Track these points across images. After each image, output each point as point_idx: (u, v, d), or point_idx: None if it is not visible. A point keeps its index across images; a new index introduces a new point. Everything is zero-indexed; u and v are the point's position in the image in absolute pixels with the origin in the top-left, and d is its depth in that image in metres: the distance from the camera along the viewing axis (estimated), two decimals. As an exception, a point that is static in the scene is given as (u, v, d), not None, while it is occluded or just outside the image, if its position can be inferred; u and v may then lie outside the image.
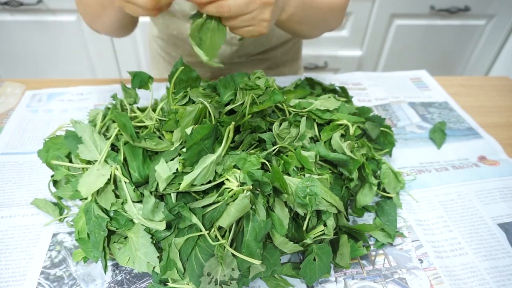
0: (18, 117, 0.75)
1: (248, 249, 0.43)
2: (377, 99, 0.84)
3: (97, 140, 0.52)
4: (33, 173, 0.62)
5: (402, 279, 0.49)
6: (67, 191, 0.53)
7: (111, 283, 0.48)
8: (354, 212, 0.57)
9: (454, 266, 0.51)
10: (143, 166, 0.50)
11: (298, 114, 0.58)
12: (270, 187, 0.45)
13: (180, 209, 0.45)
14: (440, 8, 1.49)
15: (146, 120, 0.57)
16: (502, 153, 0.70)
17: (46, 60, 1.55)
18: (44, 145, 0.56)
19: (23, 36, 1.47)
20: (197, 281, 0.43)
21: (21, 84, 0.83)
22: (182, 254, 0.45)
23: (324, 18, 0.73)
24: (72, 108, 0.77)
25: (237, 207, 0.43)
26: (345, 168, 0.53)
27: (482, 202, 0.60)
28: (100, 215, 0.47)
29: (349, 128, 0.58)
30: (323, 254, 0.47)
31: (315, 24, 0.73)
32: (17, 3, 1.37)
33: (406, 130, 0.75)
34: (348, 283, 0.49)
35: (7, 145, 0.68)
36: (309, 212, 0.47)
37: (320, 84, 0.71)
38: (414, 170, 0.66)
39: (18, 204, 0.57)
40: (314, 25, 0.73)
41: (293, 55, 0.98)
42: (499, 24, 1.55)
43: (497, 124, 0.78)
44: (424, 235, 0.55)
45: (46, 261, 0.50)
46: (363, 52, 1.63)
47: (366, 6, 1.48)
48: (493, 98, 0.86)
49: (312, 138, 0.58)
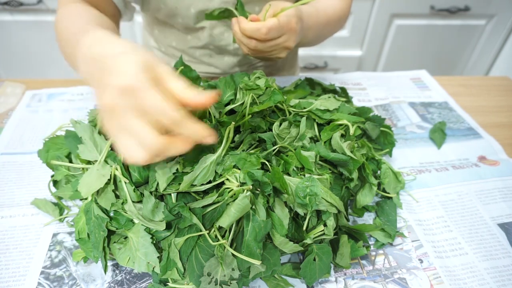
0: (18, 117, 0.75)
1: (248, 249, 0.43)
2: (377, 99, 0.84)
3: (97, 140, 0.52)
4: (33, 173, 0.62)
5: (402, 279, 0.49)
6: (67, 191, 0.53)
7: (111, 283, 0.48)
8: (354, 212, 0.57)
9: (454, 266, 0.51)
10: (143, 166, 0.49)
11: (298, 114, 0.58)
12: (270, 187, 0.45)
13: (180, 209, 0.45)
14: (440, 8, 1.49)
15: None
16: (502, 153, 0.70)
17: (46, 60, 1.55)
18: (44, 145, 0.56)
19: (23, 36, 1.47)
20: (197, 281, 0.43)
21: (21, 84, 0.83)
22: (182, 254, 0.45)
23: (333, 30, 0.79)
24: (72, 108, 0.77)
25: (237, 207, 0.43)
26: (345, 168, 0.53)
27: (482, 202, 0.60)
28: (100, 215, 0.47)
29: (349, 128, 0.58)
30: (323, 254, 0.47)
31: (326, 36, 0.79)
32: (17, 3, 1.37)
33: (406, 130, 0.75)
34: (348, 283, 0.49)
35: (7, 145, 0.68)
36: (309, 212, 0.47)
37: (320, 84, 0.71)
38: (414, 170, 0.66)
39: (18, 204, 0.57)
40: (324, 37, 0.79)
41: (291, 60, 0.98)
42: (499, 24, 1.55)
43: (497, 124, 0.78)
44: (424, 235, 0.55)
45: (46, 261, 0.50)
46: (363, 52, 1.63)
47: (366, 6, 1.48)
48: (493, 98, 0.86)
49: (312, 138, 0.57)
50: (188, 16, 0.74)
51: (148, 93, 0.34)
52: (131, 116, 0.34)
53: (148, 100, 0.34)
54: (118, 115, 0.35)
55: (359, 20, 1.52)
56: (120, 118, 0.35)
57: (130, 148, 0.35)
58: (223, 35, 0.79)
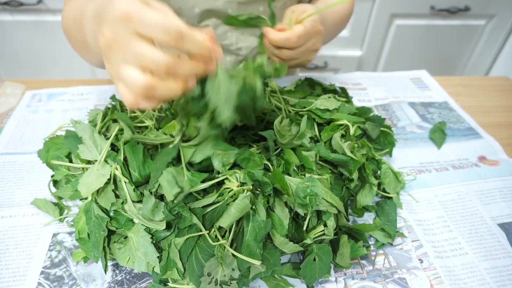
0: (18, 117, 0.75)
1: (248, 249, 0.43)
2: (377, 99, 0.84)
3: (97, 140, 0.52)
4: (33, 173, 0.62)
5: (402, 279, 0.49)
6: (67, 191, 0.53)
7: (111, 283, 0.48)
8: (354, 212, 0.57)
9: (454, 266, 0.51)
10: (143, 166, 0.49)
11: (298, 114, 0.58)
12: (271, 187, 0.45)
13: (180, 209, 0.45)
14: (440, 8, 1.49)
15: (146, 120, 0.57)
16: (502, 153, 0.70)
17: (46, 60, 1.55)
18: (44, 145, 0.56)
19: (23, 36, 1.47)
20: (197, 281, 0.43)
21: (21, 84, 0.83)
22: (182, 254, 0.45)
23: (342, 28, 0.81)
24: (72, 108, 0.77)
25: (237, 207, 0.43)
26: (346, 169, 0.53)
27: (482, 202, 0.60)
28: (100, 215, 0.47)
29: (349, 128, 0.58)
30: (323, 254, 0.47)
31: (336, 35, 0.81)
32: (17, 3, 1.37)
33: (406, 130, 0.75)
34: (348, 283, 0.49)
35: (7, 145, 0.68)
36: (309, 212, 0.47)
37: (320, 84, 0.71)
38: (414, 170, 0.66)
39: (18, 204, 0.57)
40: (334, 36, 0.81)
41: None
42: (499, 24, 1.55)
43: (497, 124, 0.78)
44: (424, 235, 0.55)
45: (46, 261, 0.50)
46: (363, 52, 1.63)
47: (366, 6, 1.48)
48: (493, 98, 0.86)
49: (312, 138, 0.57)
50: (192, 16, 0.74)
51: (145, 12, 0.33)
52: (131, 47, 0.33)
53: (146, 17, 0.33)
54: (118, 49, 0.34)
55: (359, 20, 1.52)
56: (120, 52, 0.34)
57: (121, 90, 0.35)
58: (226, 34, 0.79)
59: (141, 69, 0.34)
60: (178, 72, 0.35)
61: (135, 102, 0.35)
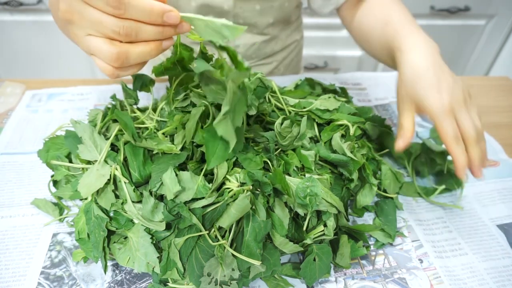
0: (18, 117, 0.75)
1: (248, 249, 0.43)
2: (377, 99, 0.84)
3: (97, 140, 0.52)
4: (33, 173, 0.62)
5: (402, 279, 0.49)
6: (67, 191, 0.53)
7: (111, 283, 0.48)
8: (354, 212, 0.57)
9: (454, 266, 0.51)
10: (143, 166, 0.49)
11: (298, 114, 0.58)
12: (271, 187, 0.45)
13: (180, 209, 0.45)
14: (440, 8, 1.49)
15: (146, 121, 0.57)
16: (502, 153, 0.70)
17: (46, 60, 1.56)
18: (44, 145, 0.56)
19: (23, 36, 1.47)
20: (197, 281, 0.43)
21: (21, 84, 0.83)
22: (182, 254, 0.45)
23: None
24: (72, 108, 0.77)
25: (237, 207, 0.43)
26: (346, 169, 0.53)
27: (481, 204, 0.60)
28: (100, 215, 0.47)
29: (349, 129, 0.58)
30: (323, 254, 0.47)
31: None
32: (17, 3, 1.37)
33: (406, 130, 0.75)
34: (348, 283, 0.49)
35: (7, 145, 0.68)
36: (309, 213, 0.47)
37: (320, 84, 0.70)
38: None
39: (18, 204, 0.57)
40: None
41: (294, 57, 0.98)
42: (499, 24, 1.55)
43: (497, 124, 0.78)
44: (424, 235, 0.55)
45: (46, 261, 0.50)
46: (363, 52, 1.63)
47: (366, 6, 1.48)
48: (493, 98, 0.86)
49: (312, 138, 0.57)
50: (189, 10, 0.75)
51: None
52: (85, 16, 0.33)
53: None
54: (75, 21, 0.34)
55: (359, 20, 1.52)
56: (79, 23, 0.34)
57: (98, 63, 0.35)
58: None
59: (107, 38, 0.34)
60: (142, 37, 0.35)
61: (113, 72, 0.36)
